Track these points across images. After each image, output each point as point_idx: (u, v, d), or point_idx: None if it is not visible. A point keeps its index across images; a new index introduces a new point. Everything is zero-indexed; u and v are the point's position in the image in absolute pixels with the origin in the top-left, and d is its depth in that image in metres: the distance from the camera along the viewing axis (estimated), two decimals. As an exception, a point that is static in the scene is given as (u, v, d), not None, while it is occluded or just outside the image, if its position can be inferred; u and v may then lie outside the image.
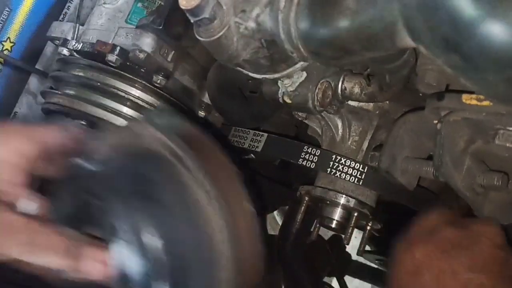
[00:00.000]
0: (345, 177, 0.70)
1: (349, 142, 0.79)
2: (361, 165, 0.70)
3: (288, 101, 0.65)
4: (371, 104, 0.76)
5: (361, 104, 0.76)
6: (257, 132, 0.79)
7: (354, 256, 1.38)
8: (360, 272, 1.41)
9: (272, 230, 1.46)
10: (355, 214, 0.74)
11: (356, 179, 0.70)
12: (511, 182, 0.58)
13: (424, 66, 0.57)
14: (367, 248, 1.11)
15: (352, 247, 1.10)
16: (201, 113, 0.86)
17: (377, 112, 0.76)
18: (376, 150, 0.66)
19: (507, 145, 0.48)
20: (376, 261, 1.15)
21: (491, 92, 0.36)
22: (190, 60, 0.81)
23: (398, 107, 0.74)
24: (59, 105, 0.77)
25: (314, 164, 0.72)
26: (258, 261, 0.49)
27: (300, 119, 0.81)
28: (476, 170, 0.55)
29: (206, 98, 0.86)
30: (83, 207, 0.49)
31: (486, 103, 0.49)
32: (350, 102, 0.76)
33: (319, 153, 0.72)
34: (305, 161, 0.72)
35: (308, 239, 0.96)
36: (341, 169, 0.71)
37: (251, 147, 0.79)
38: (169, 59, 0.77)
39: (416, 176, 0.62)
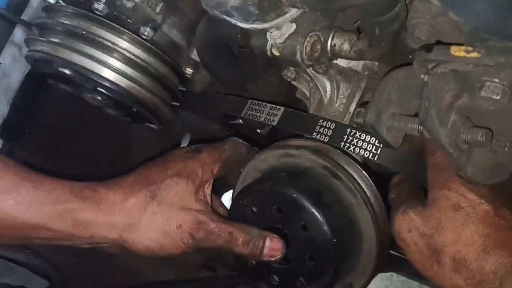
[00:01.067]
0: (359, 151, 0.68)
1: (337, 104, 0.79)
2: (377, 140, 0.67)
3: (277, 53, 0.65)
4: (360, 65, 0.75)
5: (350, 65, 0.76)
6: (274, 106, 0.77)
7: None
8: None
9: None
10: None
11: (371, 154, 0.68)
12: (494, 141, 0.58)
13: (415, 20, 0.56)
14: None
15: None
16: (189, 70, 0.85)
17: (366, 73, 0.75)
18: (362, 107, 0.65)
19: (493, 97, 0.48)
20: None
21: (481, 22, 0.35)
22: (179, 13, 0.79)
23: (387, 69, 0.73)
24: (43, 53, 0.76)
25: (328, 137, 0.70)
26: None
27: (289, 80, 0.80)
28: (461, 125, 0.54)
29: (195, 55, 0.85)
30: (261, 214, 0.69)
31: (474, 54, 0.48)
32: (339, 63, 0.76)
33: (333, 126, 0.70)
34: (319, 134, 0.70)
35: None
36: (355, 143, 0.68)
37: (266, 120, 0.77)
38: (157, 10, 0.76)
39: (401, 134, 0.62)
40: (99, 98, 0.80)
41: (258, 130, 1.34)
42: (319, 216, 0.65)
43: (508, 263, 0.53)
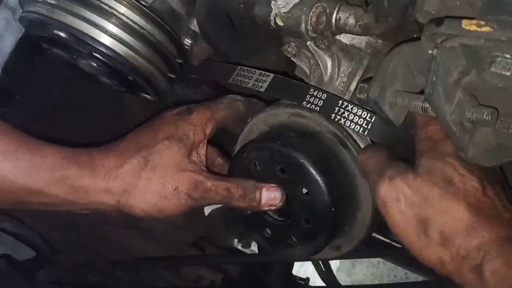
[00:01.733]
0: (349, 124, 0.67)
1: (337, 83, 0.78)
2: (369, 114, 0.66)
3: (280, 23, 0.63)
4: (364, 42, 0.74)
5: (353, 41, 0.74)
6: (263, 72, 0.75)
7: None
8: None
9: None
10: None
11: (362, 128, 0.67)
12: (498, 122, 0.57)
13: (425, -6, 0.55)
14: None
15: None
16: (188, 41, 0.83)
17: (369, 51, 0.74)
18: (365, 83, 0.64)
19: (503, 73, 0.47)
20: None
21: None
22: (180, -20, 0.77)
23: (390, 47, 0.72)
24: (38, 14, 0.73)
25: (318, 108, 0.68)
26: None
27: (289, 55, 0.79)
28: (466, 104, 0.53)
29: (194, 26, 0.83)
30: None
31: (486, 29, 0.47)
32: (342, 39, 0.74)
33: (325, 97, 0.69)
34: (309, 104, 0.69)
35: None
36: (346, 116, 0.67)
37: (254, 86, 0.75)
38: (158, -24, 0.74)
39: (404, 111, 0.60)
40: (94, 64, 0.78)
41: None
42: (322, 184, 0.65)
43: (491, 240, 0.53)
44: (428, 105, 0.56)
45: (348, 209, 0.69)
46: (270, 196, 0.68)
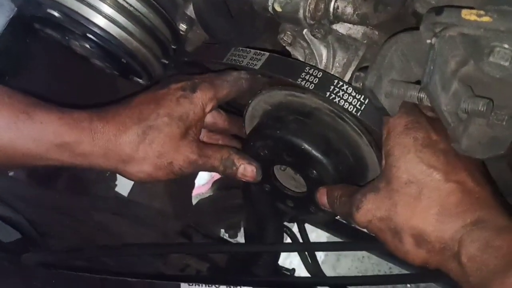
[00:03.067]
0: (344, 104, 0.68)
1: (331, 73, 0.78)
2: (363, 96, 0.68)
3: (279, 9, 0.63)
4: (360, 33, 0.74)
5: (350, 32, 0.74)
6: (258, 51, 0.76)
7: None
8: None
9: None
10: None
11: (355, 109, 0.68)
12: (493, 114, 0.57)
13: (425, -17, 0.55)
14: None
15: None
16: (183, 26, 0.82)
17: (365, 41, 0.74)
18: (361, 71, 0.64)
19: (501, 63, 0.47)
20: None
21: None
22: (177, -37, 0.76)
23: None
24: (32, -8, 0.72)
25: (313, 85, 0.69)
26: None
27: (284, 44, 0.79)
28: (462, 94, 0.54)
29: (190, 11, 0.81)
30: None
31: (486, 18, 0.47)
32: (339, 29, 0.74)
33: (320, 75, 0.69)
34: (304, 81, 0.69)
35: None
36: (341, 95, 0.68)
37: (249, 64, 0.75)
38: (155, -43, 0.73)
39: (399, 101, 0.61)
40: (87, 46, 0.77)
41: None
42: (327, 165, 0.70)
43: (463, 226, 0.54)
44: (423, 95, 0.56)
45: (357, 175, 0.74)
46: (243, 172, 0.75)
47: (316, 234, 1.69)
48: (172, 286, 1.06)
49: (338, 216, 1.27)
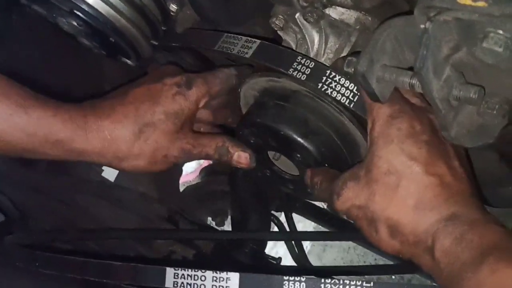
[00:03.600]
0: (336, 95, 0.67)
1: (323, 59, 0.77)
2: (356, 87, 0.67)
3: (272, -11, 0.62)
4: (353, 18, 0.73)
5: (342, 17, 0.73)
6: (249, 38, 0.75)
7: (303, 196, 1.40)
8: (306, 210, 1.42)
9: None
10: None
11: (348, 100, 0.67)
12: (483, 103, 0.57)
13: (420, -34, 0.54)
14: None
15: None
16: (173, 7, 0.81)
17: (358, 27, 0.73)
18: (353, 56, 0.63)
19: (495, 48, 0.46)
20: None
21: None
22: None
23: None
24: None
25: (305, 76, 0.68)
26: None
27: (276, 28, 0.78)
28: (454, 81, 0.53)
29: (180, -9, 0.81)
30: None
31: (481, 3, 0.47)
32: (331, 13, 0.73)
33: (312, 65, 0.68)
34: (296, 71, 0.68)
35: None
36: (333, 86, 0.67)
37: (240, 53, 0.74)
38: None
39: (391, 87, 0.60)
40: (75, 23, 0.75)
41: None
42: (309, 147, 0.70)
43: (438, 220, 0.53)
44: (415, 82, 0.55)
45: (346, 153, 0.74)
46: (240, 159, 0.76)
47: (303, 224, 1.69)
48: (157, 270, 1.06)
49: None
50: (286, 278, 0.58)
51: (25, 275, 0.77)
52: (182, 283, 0.60)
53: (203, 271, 0.60)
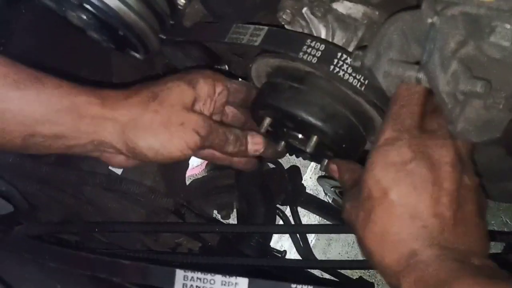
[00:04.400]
0: (348, 78, 0.67)
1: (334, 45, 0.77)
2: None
3: (279, -16, 0.62)
4: (360, 12, 0.73)
5: (350, 11, 0.74)
6: (257, 26, 0.74)
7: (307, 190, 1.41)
8: (310, 204, 1.43)
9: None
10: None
11: (359, 83, 0.67)
12: (491, 97, 0.57)
13: (428, -39, 0.54)
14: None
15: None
16: (181, 1, 0.81)
17: (365, 22, 0.73)
18: (360, 50, 0.63)
19: (502, 43, 0.47)
20: (332, 189, 1.16)
21: None
22: None
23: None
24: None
25: (316, 59, 0.67)
26: None
27: (283, 23, 0.78)
28: (461, 75, 0.53)
29: (188, -14, 0.81)
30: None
31: (488, -2, 0.47)
32: (338, 8, 0.74)
33: (323, 47, 0.67)
34: (306, 55, 0.67)
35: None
36: (345, 69, 0.67)
37: (249, 41, 0.73)
38: None
39: (397, 81, 0.60)
40: (84, 16, 0.75)
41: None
42: (327, 131, 0.70)
43: (398, 258, 0.52)
44: (421, 76, 0.56)
45: (363, 125, 0.73)
46: (253, 140, 0.75)
47: (308, 219, 1.70)
48: (166, 271, 1.07)
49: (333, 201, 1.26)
50: (294, 286, 0.58)
51: (33, 265, 0.78)
52: (191, 285, 0.60)
53: (212, 274, 0.59)
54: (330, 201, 1.42)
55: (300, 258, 1.26)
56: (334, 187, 1.16)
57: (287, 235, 1.60)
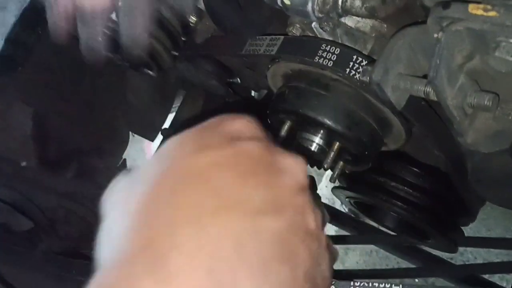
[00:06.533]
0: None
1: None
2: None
3: (287, 2, 0.63)
4: (368, 26, 0.74)
5: (358, 25, 0.74)
6: (273, 36, 0.75)
7: (323, 200, 1.41)
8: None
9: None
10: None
11: None
12: (499, 109, 0.57)
13: (433, -23, 0.55)
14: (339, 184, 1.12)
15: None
16: (192, 18, 0.83)
17: (373, 35, 0.74)
18: (368, 65, 0.64)
19: (507, 57, 0.47)
20: (347, 199, 1.15)
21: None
22: (188, -45, 0.77)
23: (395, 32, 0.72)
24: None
25: (332, 62, 0.68)
26: None
27: (293, 37, 0.79)
28: (468, 88, 0.54)
29: (200, 3, 0.82)
30: None
31: (492, 13, 0.48)
32: (347, 22, 0.74)
33: (338, 51, 0.68)
34: (322, 59, 0.68)
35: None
36: (361, 71, 0.66)
37: (266, 51, 0.75)
38: (166, -50, 0.74)
39: (406, 95, 0.61)
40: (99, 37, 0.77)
41: (253, 92, 1.32)
42: (351, 137, 0.72)
43: None
44: (430, 90, 0.56)
45: (382, 131, 0.74)
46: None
47: (324, 228, 1.70)
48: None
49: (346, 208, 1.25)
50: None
51: (57, 281, 0.80)
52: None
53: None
54: (346, 211, 1.42)
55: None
56: (349, 197, 1.16)
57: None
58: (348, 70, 0.67)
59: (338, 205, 1.62)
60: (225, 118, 0.41)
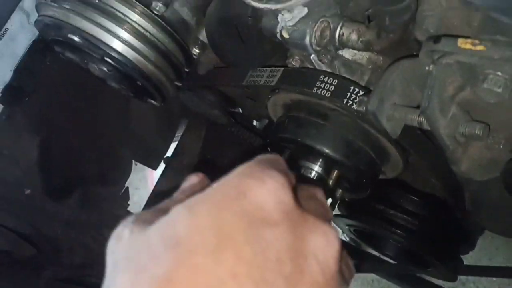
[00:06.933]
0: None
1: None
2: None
3: (286, 36, 0.66)
4: (365, 58, 0.76)
5: (355, 57, 0.77)
6: (274, 68, 0.78)
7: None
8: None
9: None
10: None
11: None
12: (490, 138, 0.59)
13: (425, 13, 0.58)
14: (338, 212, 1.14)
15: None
16: (196, 50, 0.86)
17: (370, 67, 0.76)
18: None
19: (495, 89, 0.49)
20: (347, 227, 1.16)
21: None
22: (191, -8, 0.80)
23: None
24: (53, 18, 0.76)
25: (330, 93, 0.70)
26: None
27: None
28: (460, 118, 0.56)
29: (202, 36, 0.86)
30: None
31: (480, 47, 0.50)
32: (345, 54, 0.77)
33: (336, 82, 0.70)
34: (321, 89, 0.70)
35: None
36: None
37: (266, 82, 0.77)
38: (171, -14, 0.77)
39: (401, 124, 0.63)
40: (105, 69, 0.80)
41: (255, 122, 1.34)
42: (349, 165, 0.74)
43: None
44: (423, 119, 0.58)
45: (380, 159, 0.76)
46: None
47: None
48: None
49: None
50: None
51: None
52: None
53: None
54: (347, 239, 1.42)
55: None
56: (349, 225, 1.16)
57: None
58: (345, 100, 0.69)
59: (339, 234, 1.62)
60: (246, 184, 0.36)
